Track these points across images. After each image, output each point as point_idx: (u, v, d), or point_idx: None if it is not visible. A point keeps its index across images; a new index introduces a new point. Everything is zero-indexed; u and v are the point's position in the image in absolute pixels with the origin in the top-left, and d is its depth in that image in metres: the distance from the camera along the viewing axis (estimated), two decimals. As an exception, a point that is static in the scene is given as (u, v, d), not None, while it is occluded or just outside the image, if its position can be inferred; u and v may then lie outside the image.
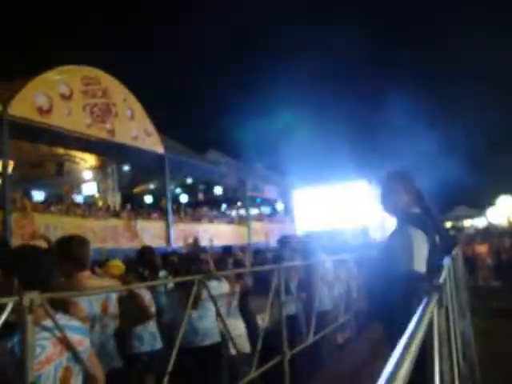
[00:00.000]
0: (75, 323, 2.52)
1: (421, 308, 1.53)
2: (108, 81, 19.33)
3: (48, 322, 2.28)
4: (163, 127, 22.17)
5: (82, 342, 2.45)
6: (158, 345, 4.89)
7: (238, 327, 5.38)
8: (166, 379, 2.99)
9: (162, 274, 6.05)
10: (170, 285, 5.44)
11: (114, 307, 3.69)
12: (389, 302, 2.71)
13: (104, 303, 3.58)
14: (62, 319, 2.37)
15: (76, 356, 2.36)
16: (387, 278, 2.77)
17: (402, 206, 2.93)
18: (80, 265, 3.56)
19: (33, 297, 2.05)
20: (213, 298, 4.15)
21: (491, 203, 39.47)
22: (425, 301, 1.69)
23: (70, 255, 3.54)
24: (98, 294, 3.59)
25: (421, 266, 2.67)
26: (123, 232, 19.05)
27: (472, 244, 16.97)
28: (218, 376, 4.92)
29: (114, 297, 3.71)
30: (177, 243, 19.99)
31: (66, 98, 17.28)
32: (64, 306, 2.76)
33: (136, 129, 20.33)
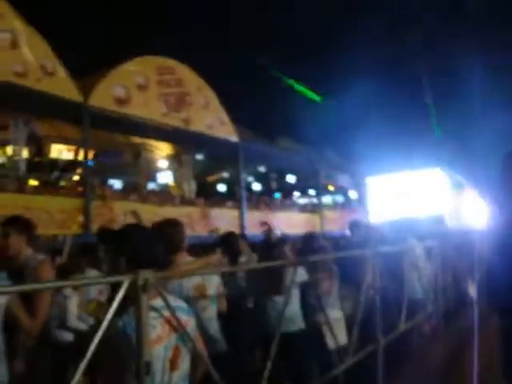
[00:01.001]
0: (182, 304, 2.49)
1: None
2: (182, 70, 19.55)
3: (155, 302, 2.25)
4: (236, 115, 22.25)
5: (189, 322, 2.42)
6: None
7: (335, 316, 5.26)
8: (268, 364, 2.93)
9: (242, 259, 6.00)
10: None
11: (214, 289, 3.66)
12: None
13: (200, 286, 3.55)
14: (171, 300, 2.34)
15: (184, 337, 2.33)
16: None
17: None
18: (175, 247, 3.54)
19: (147, 276, 2.03)
20: (311, 284, 4.06)
21: None
22: None
23: (165, 238, 3.50)
24: (192, 277, 3.56)
25: None
26: (198, 219, 19.27)
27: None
28: (302, 362, 4.84)
29: (214, 279, 3.68)
30: (250, 231, 20.05)
31: (143, 88, 17.62)
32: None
33: (210, 117, 20.50)
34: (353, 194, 32.27)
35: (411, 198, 25.38)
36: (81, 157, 17.47)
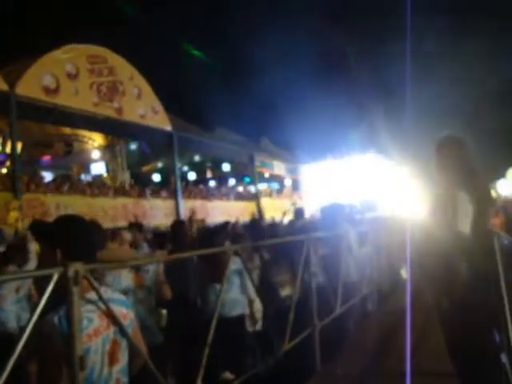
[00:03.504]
0: (119, 296, 2.46)
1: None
2: (114, 59, 19.16)
3: (92, 295, 2.22)
4: (170, 105, 22.04)
5: (127, 315, 2.38)
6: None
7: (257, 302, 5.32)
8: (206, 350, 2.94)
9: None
10: None
11: (151, 279, 3.62)
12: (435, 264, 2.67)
13: (138, 277, 3.52)
14: (106, 292, 2.30)
15: (122, 329, 2.30)
16: (432, 242, 2.72)
17: (450, 170, 2.86)
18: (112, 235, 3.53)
19: (78, 268, 1.99)
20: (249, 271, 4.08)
21: (501, 175, 38.81)
22: None
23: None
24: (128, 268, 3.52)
25: (465, 226, 2.62)
26: (133, 210, 18.99)
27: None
28: (241, 347, 4.89)
29: (151, 269, 3.63)
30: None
31: (73, 76, 17.15)
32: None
33: (143, 107, 20.21)
34: (288, 182, 32.62)
35: (345, 183, 25.90)
36: (8, 149, 16.87)
